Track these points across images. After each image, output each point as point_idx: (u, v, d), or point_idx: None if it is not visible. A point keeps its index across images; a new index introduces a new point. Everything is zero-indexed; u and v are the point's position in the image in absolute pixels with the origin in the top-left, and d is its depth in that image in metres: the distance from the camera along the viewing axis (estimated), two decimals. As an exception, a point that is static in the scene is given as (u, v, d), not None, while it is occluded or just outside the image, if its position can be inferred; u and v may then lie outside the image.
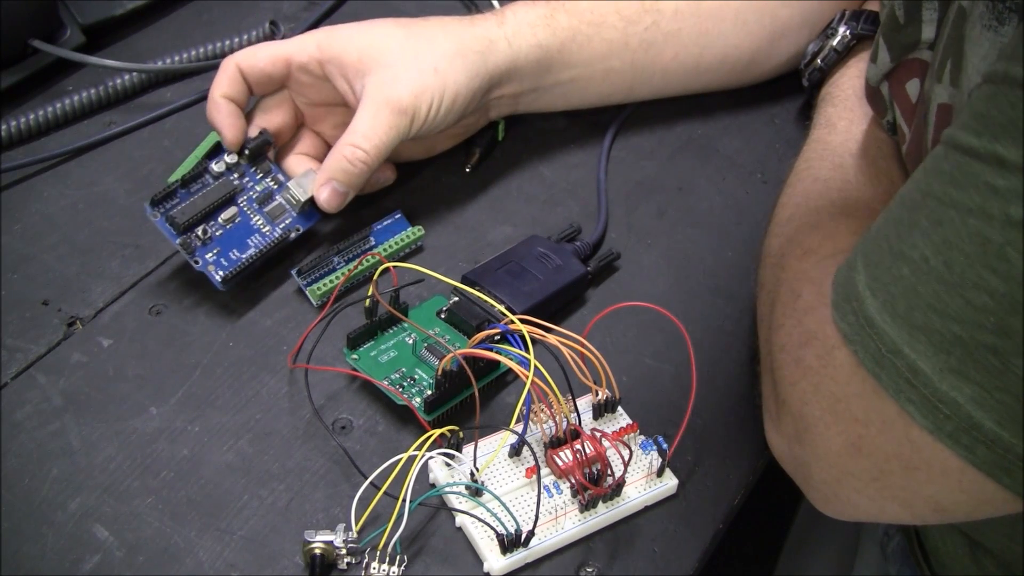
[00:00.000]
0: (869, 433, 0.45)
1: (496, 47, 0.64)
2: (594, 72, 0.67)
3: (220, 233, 0.61)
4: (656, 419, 0.57)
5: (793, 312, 0.50)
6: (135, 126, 0.71)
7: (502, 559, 0.50)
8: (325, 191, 0.61)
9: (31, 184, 0.67)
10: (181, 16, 0.78)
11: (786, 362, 0.50)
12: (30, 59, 0.71)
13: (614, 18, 0.67)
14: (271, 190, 0.63)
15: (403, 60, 0.61)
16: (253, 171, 0.63)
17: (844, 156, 0.59)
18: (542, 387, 0.51)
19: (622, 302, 0.56)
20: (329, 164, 0.61)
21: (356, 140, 0.60)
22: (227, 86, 0.62)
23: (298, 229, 0.62)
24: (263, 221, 0.62)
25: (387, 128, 0.60)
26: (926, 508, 0.46)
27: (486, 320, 0.57)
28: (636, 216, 0.67)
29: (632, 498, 0.53)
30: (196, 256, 0.60)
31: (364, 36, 0.62)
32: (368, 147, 0.60)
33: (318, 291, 0.61)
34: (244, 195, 0.63)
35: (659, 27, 0.67)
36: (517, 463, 0.53)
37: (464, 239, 0.65)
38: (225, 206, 0.62)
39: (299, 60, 0.62)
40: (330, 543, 0.50)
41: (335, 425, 0.56)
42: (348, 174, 0.61)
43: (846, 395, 0.46)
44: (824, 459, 0.48)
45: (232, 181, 0.62)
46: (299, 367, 0.58)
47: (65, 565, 0.50)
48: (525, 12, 0.66)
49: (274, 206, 0.63)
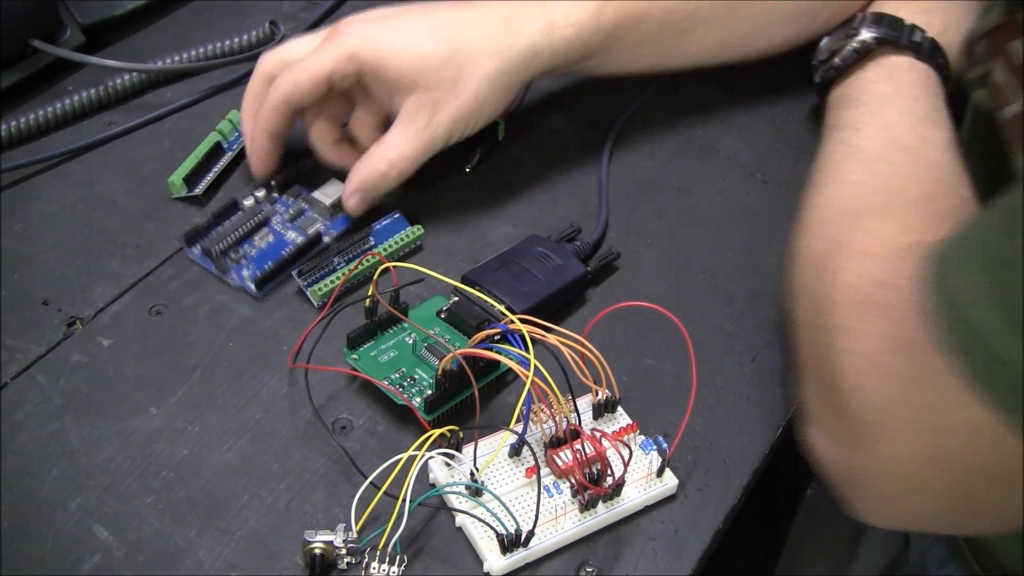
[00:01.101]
0: (950, 443, 0.44)
1: (538, 57, 0.63)
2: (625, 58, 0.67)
3: (254, 252, 0.62)
4: (656, 419, 0.57)
5: (865, 317, 0.48)
6: (135, 126, 0.70)
7: (502, 559, 0.50)
8: (355, 199, 0.62)
9: (31, 184, 0.67)
10: (181, 16, 0.78)
11: (859, 368, 0.47)
12: (30, 59, 0.71)
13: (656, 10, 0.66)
14: (302, 208, 0.65)
15: (443, 85, 0.61)
16: (283, 198, 0.65)
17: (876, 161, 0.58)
18: (542, 387, 0.51)
19: (622, 302, 0.56)
20: (361, 175, 0.62)
21: (391, 156, 0.61)
22: (275, 122, 0.62)
23: (332, 233, 0.63)
24: (296, 234, 0.63)
25: (422, 149, 0.62)
26: (1004, 518, 0.45)
27: (486, 320, 0.57)
28: (636, 216, 0.67)
29: (632, 498, 0.53)
30: (232, 274, 0.61)
31: (403, 54, 0.61)
32: (402, 165, 0.61)
33: (319, 291, 0.61)
34: (276, 217, 0.64)
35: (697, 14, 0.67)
36: (517, 463, 0.53)
37: (464, 239, 0.65)
38: (257, 230, 0.63)
39: (339, 76, 0.61)
40: (330, 543, 0.49)
41: (335, 425, 0.56)
42: (379, 187, 0.62)
43: (934, 404, 0.44)
44: (891, 468, 0.46)
45: (262, 208, 0.64)
46: (299, 367, 0.58)
47: (65, 565, 0.50)
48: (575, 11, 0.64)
49: (307, 219, 0.64)
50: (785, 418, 0.58)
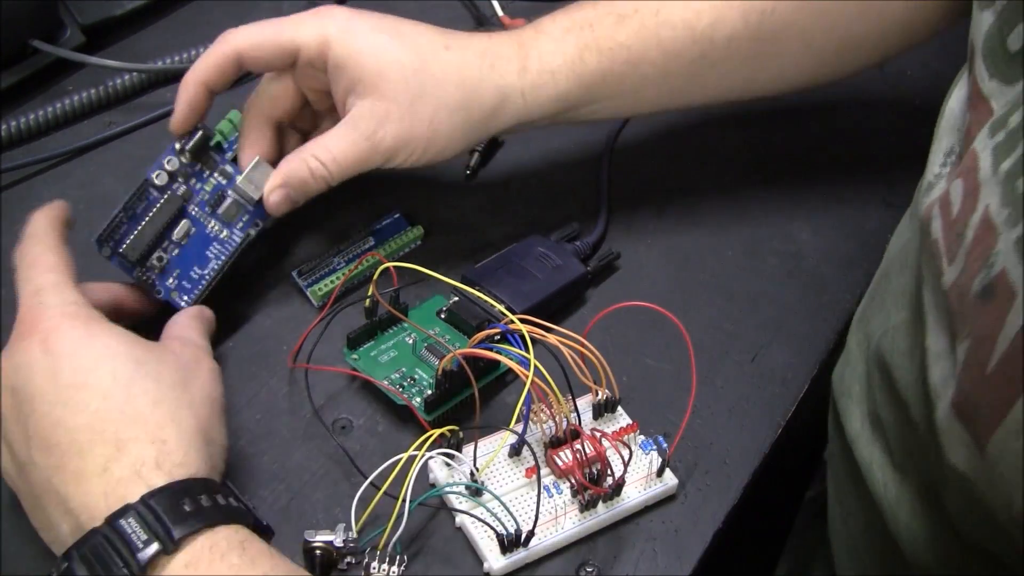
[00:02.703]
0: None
1: (508, 103, 0.59)
2: (620, 104, 0.62)
3: (176, 253, 0.58)
4: (656, 419, 0.57)
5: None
6: (135, 126, 0.70)
7: (502, 559, 0.50)
8: (278, 195, 0.57)
9: (31, 184, 0.67)
10: (181, 16, 0.78)
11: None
12: (30, 59, 0.71)
13: (654, 53, 0.60)
14: (221, 187, 0.59)
15: (400, 99, 0.57)
16: (198, 169, 0.59)
17: None
18: (542, 387, 0.51)
19: (622, 302, 0.56)
20: (289, 169, 0.57)
21: (323, 156, 0.57)
22: (213, 72, 0.57)
23: (257, 224, 0.59)
24: (219, 226, 0.59)
25: (358, 157, 0.57)
26: None
27: (486, 320, 0.57)
28: (636, 216, 0.67)
29: (632, 498, 0.53)
30: (157, 287, 0.58)
31: (374, 55, 0.57)
32: (333, 168, 0.57)
33: (319, 292, 0.61)
34: (193, 201, 0.59)
35: (707, 58, 0.61)
36: (517, 463, 0.53)
37: (464, 239, 0.65)
38: (176, 222, 0.58)
39: (308, 55, 0.58)
40: (330, 543, 0.49)
41: (335, 425, 0.56)
42: (304, 185, 0.57)
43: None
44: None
45: (177, 192, 0.58)
46: (299, 367, 0.58)
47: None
48: (551, 55, 0.59)
49: (228, 205, 0.59)
50: (785, 418, 0.58)
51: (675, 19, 0.60)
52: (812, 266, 0.65)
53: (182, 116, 0.58)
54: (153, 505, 0.44)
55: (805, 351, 0.61)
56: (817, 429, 0.62)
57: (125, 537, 0.43)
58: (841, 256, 0.66)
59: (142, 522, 0.44)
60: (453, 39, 0.59)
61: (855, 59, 0.65)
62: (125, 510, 0.44)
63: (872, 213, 0.68)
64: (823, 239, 0.67)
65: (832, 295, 0.64)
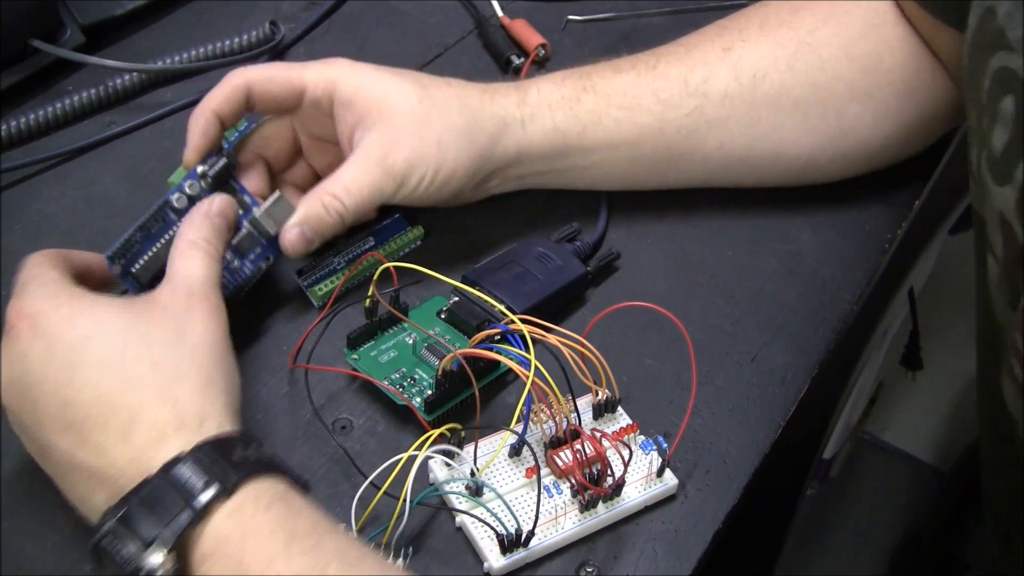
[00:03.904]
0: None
1: (509, 131, 0.61)
2: (619, 157, 0.63)
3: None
4: (656, 419, 0.57)
5: None
6: (135, 126, 0.70)
7: (502, 559, 0.50)
8: (293, 233, 0.58)
9: (31, 184, 0.67)
10: (181, 16, 0.78)
11: None
12: (30, 59, 0.71)
13: (650, 101, 0.62)
14: (238, 218, 0.59)
15: (407, 124, 0.59)
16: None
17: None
18: (542, 387, 0.51)
19: (622, 302, 0.56)
20: (304, 207, 0.58)
21: (337, 191, 0.58)
22: (224, 103, 0.59)
23: (268, 259, 0.60)
24: (231, 256, 0.58)
25: (372, 187, 0.58)
26: None
27: (486, 320, 0.57)
28: (636, 216, 0.67)
29: (632, 498, 0.53)
30: None
31: (380, 87, 0.59)
32: (348, 202, 0.58)
33: (319, 292, 0.61)
34: None
35: (703, 113, 0.62)
36: (517, 463, 0.53)
37: (464, 239, 0.65)
38: None
39: (314, 95, 0.60)
40: (330, 543, 0.49)
41: (335, 425, 0.56)
42: (321, 222, 0.58)
43: None
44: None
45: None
46: (299, 367, 0.58)
47: (65, 565, 0.50)
48: (550, 91, 0.62)
49: (242, 237, 0.59)
50: (785, 418, 0.58)
51: (670, 72, 0.63)
52: (812, 266, 0.65)
53: (194, 145, 0.59)
54: (204, 453, 0.46)
55: (805, 351, 0.61)
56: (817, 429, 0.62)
57: (181, 483, 0.45)
58: (841, 256, 0.66)
59: (198, 468, 0.45)
60: (453, 79, 0.62)
61: (853, 147, 0.65)
62: (177, 460, 0.46)
63: (872, 213, 0.68)
64: (823, 239, 0.66)
65: (832, 295, 0.64)
